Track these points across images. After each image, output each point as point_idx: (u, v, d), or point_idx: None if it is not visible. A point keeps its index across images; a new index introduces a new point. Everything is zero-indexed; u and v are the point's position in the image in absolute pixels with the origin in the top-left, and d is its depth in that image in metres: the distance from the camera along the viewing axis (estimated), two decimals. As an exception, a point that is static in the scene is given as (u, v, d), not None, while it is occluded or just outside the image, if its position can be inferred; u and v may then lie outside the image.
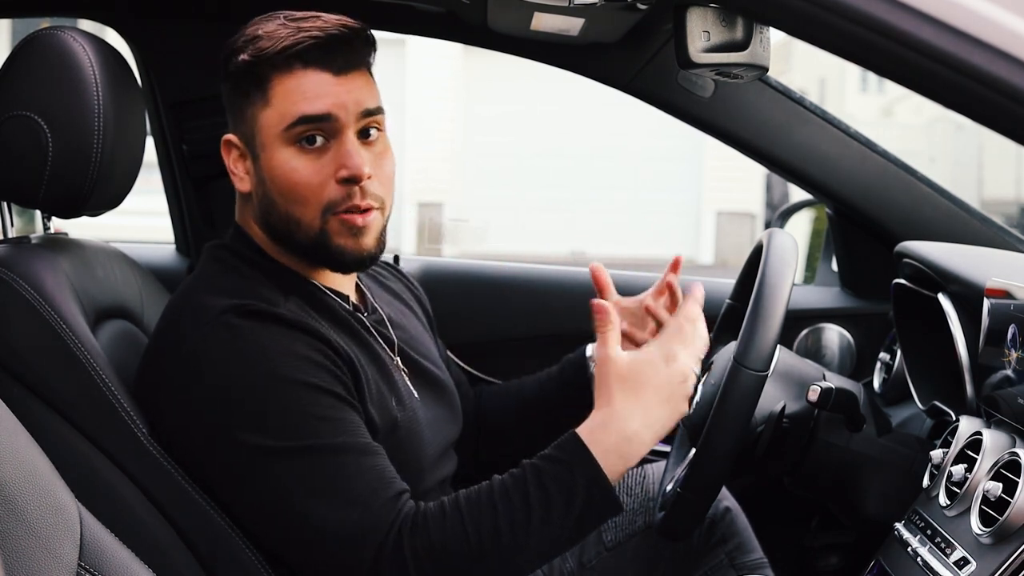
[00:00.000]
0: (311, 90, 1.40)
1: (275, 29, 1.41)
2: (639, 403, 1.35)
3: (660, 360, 1.38)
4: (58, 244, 1.55)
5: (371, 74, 1.47)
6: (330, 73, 1.41)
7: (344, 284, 1.53)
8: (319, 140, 1.41)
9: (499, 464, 1.44)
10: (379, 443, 1.38)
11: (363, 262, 1.46)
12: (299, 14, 1.43)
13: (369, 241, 1.44)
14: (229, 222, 1.54)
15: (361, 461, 1.33)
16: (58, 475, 1.10)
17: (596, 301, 1.41)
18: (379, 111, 1.45)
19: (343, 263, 1.46)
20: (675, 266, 1.67)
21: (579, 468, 1.32)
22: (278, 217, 1.44)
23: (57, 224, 1.65)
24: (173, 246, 2.29)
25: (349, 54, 1.42)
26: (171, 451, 1.39)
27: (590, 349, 1.71)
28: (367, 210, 1.42)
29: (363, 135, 1.43)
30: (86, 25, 1.96)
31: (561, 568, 1.76)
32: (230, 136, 1.48)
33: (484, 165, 13.09)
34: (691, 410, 1.70)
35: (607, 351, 1.38)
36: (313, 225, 1.42)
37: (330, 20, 1.42)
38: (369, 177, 1.41)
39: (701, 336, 1.43)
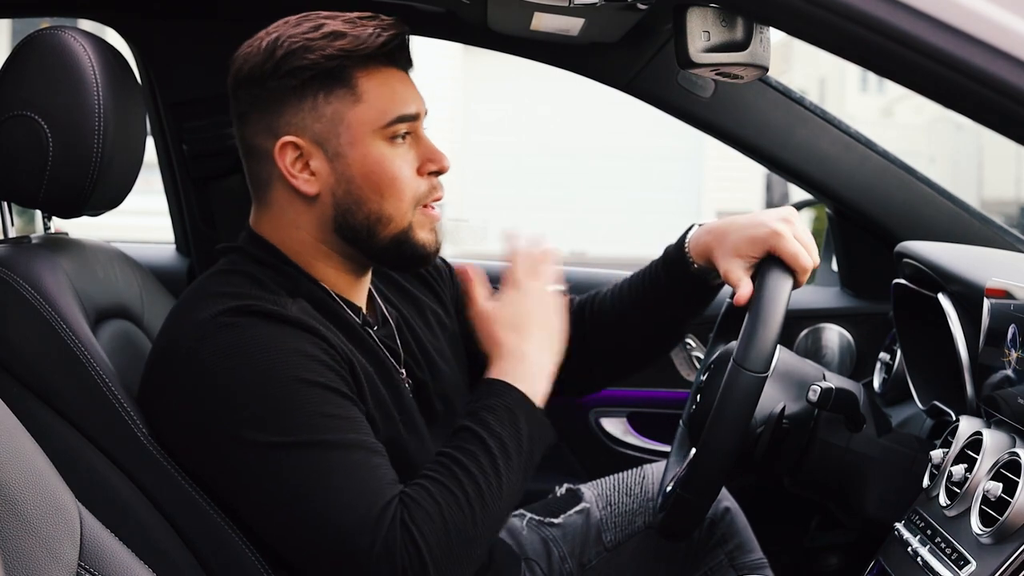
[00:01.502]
0: (400, 89, 1.45)
1: (352, 27, 1.42)
2: (523, 334, 1.47)
3: (517, 295, 1.51)
4: (58, 244, 1.56)
5: None
6: (403, 72, 1.48)
7: (359, 296, 1.52)
8: (406, 137, 1.46)
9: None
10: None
11: (435, 257, 1.52)
12: (354, 14, 1.45)
13: (440, 237, 1.51)
14: (229, 222, 1.54)
15: (369, 459, 1.33)
16: (58, 475, 1.10)
17: (458, 265, 1.61)
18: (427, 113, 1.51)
19: (424, 257, 1.49)
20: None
21: (516, 406, 1.41)
22: (365, 214, 1.44)
23: (57, 224, 1.65)
24: (173, 246, 2.29)
25: (411, 53, 1.49)
26: (175, 452, 1.39)
27: (689, 237, 1.64)
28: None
29: None
30: (86, 25, 1.96)
31: (561, 568, 1.76)
32: (291, 138, 1.42)
33: (484, 165, 13.09)
34: (691, 408, 1.71)
35: (479, 305, 1.52)
36: (404, 218, 1.45)
37: (389, 20, 1.46)
38: None
39: (532, 258, 1.55)
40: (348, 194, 1.43)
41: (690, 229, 1.65)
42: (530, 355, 1.45)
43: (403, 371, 1.53)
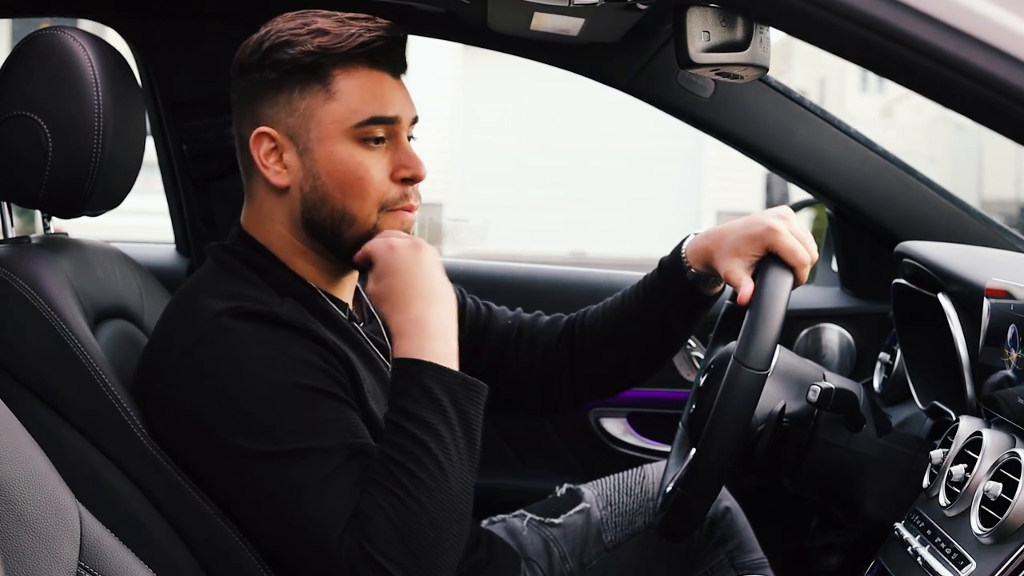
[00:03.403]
0: (379, 90, 1.43)
1: (338, 26, 1.42)
2: (401, 303, 1.38)
3: (377, 266, 1.41)
4: (58, 244, 1.56)
5: None
6: (390, 75, 1.45)
7: (345, 292, 1.53)
8: (381, 140, 1.44)
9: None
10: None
11: None
12: (349, 14, 1.45)
13: None
14: (229, 222, 1.54)
15: (353, 463, 1.32)
16: (58, 475, 1.11)
17: None
18: (418, 120, 1.50)
19: None
20: None
21: (426, 379, 1.33)
22: (329, 212, 1.44)
23: (57, 224, 1.65)
24: (173, 246, 2.29)
25: (403, 58, 1.47)
26: (169, 449, 1.39)
27: (685, 245, 1.64)
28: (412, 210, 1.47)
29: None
30: (86, 25, 1.96)
31: (561, 568, 1.76)
32: (266, 129, 1.44)
33: (484, 165, 13.10)
34: (691, 410, 1.71)
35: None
36: (369, 220, 1.44)
37: (385, 23, 1.45)
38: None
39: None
40: (314, 190, 1.44)
41: (685, 239, 1.65)
42: (420, 320, 1.37)
43: (391, 365, 1.53)
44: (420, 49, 12.56)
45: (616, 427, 2.30)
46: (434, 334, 1.37)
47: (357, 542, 1.27)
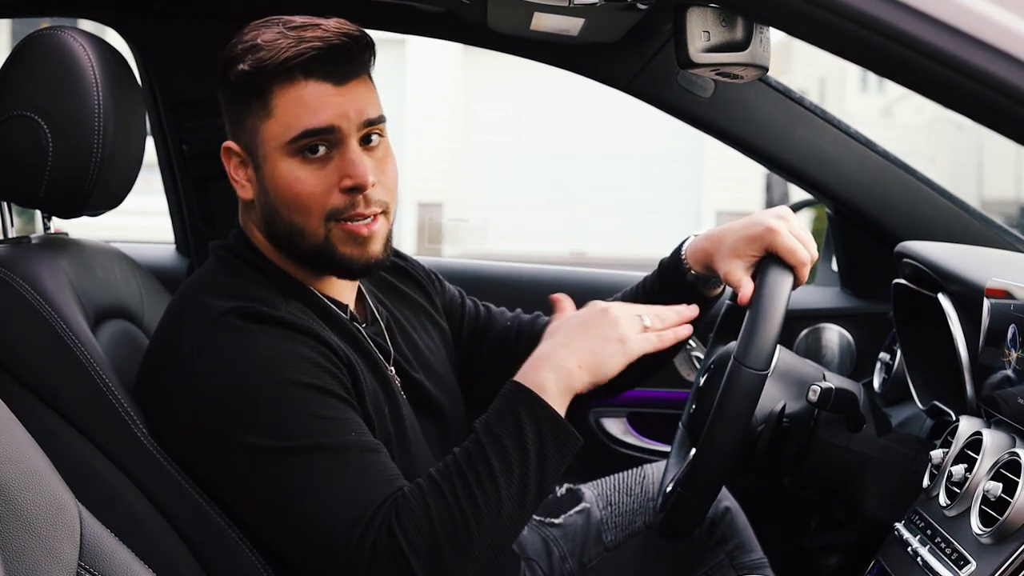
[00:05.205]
0: (313, 102, 1.40)
1: (275, 38, 1.40)
2: (558, 339, 1.41)
3: (579, 311, 1.48)
4: (58, 244, 1.56)
5: (371, 80, 1.47)
6: (331, 84, 1.41)
7: (344, 293, 1.53)
8: (321, 150, 1.41)
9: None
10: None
11: (371, 268, 1.47)
12: (299, 21, 1.42)
13: (376, 248, 1.45)
14: (229, 222, 1.54)
15: (362, 459, 1.34)
16: (58, 475, 1.11)
17: (554, 296, 1.60)
18: (381, 120, 1.45)
19: (351, 270, 1.46)
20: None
21: (520, 406, 1.35)
22: (281, 225, 1.44)
23: (57, 224, 1.65)
24: (173, 246, 2.29)
25: (349, 63, 1.42)
26: (171, 450, 1.40)
27: (685, 247, 1.65)
28: (372, 218, 1.43)
29: (364, 141, 1.44)
30: (86, 25, 1.96)
31: (561, 568, 1.76)
32: (230, 144, 1.47)
33: (484, 165, 13.09)
34: (691, 411, 1.71)
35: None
36: (317, 234, 1.42)
37: (330, 28, 1.40)
38: (372, 185, 1.42)
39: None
40: (267, 205, 1.45)
41: (685, 241, 1.65)
42: (555, 355, 1.39)
43: (392, 368, 1.53)
44: (420, 49, 12.56)
45: (616, 427, 2.30)
46: (557, 377, 1.37)
47: (387, 524, 1.28)
